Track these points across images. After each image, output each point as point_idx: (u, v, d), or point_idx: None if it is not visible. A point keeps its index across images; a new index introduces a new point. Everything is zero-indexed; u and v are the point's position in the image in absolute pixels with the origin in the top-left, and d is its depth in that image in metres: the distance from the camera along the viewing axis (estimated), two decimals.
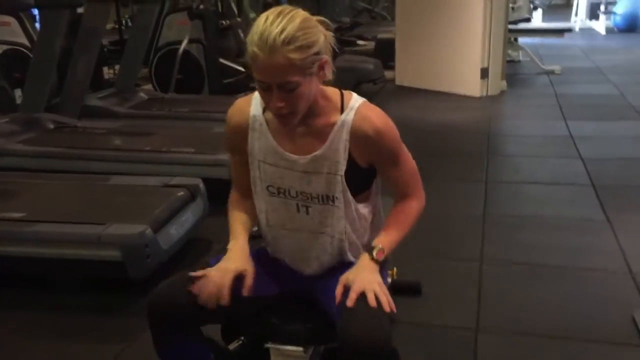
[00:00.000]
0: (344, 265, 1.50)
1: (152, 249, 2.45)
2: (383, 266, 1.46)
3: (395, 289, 1.58)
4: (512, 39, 7.54)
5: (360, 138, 1.40)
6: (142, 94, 5.13)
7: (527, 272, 2.65)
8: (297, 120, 1.38)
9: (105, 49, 6.69)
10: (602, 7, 10.94)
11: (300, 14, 1.29)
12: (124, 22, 7.52)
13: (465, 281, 2.57)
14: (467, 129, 5.01)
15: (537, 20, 10.81)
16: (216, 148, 3.38)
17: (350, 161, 1.42)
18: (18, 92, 4.88)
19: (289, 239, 1.52)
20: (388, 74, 6.72)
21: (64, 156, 3.56)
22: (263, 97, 1.36)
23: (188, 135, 3.88)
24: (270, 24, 1.26)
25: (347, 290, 1.37)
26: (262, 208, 1.53)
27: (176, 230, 2.66)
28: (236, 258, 1.46)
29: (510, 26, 7.08)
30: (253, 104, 1.49)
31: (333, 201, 1.45)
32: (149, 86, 6.02)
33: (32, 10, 5.48)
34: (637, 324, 2.20)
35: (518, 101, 6.00)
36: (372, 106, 1.44)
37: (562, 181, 3.77)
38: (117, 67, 5.91)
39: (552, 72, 7.15)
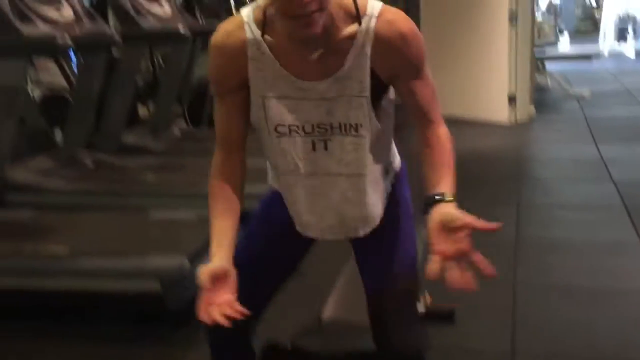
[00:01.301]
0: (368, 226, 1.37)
1: (190, 280, 2.51)
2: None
3: (429, 316, 1.57)
4: (540, 64, 7.55)
5: (384, 47, 1.21)
6: (175, 131, 5.28)
7: (561, 294, 2.63)
8: (322, 24, 1.15)
9: (140, 86, 6.91)
10: (630, 30, 10.88)
11: None
12: (157, 60, 7.77)
13: (499, 305, 2.57)
14: (497, 155, 5.02)
15: (565, 44, 10.80)
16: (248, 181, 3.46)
17: (373, 77, 1.23)
18: (58, 132, 5.07)
19: (302, 187, 1.32)
20: None
21: (102, 192, 3.68)
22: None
23: None
24: None
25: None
26: (270, 154, 1.33)
27: None
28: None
29: (537, 52, 7.11)
30: (247, 28, 1.23)
31: (357, 129, 1.26)
32: (182, 122, 6.19)
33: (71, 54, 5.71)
34: None
35: (547, 126, 5.99)
36: (395, 9, 1.25)
37: (594, 204, 3.75)
38: (151, 104, 6.10)
39: (581, 97, 7.13)
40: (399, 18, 1.23)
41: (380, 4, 1.23)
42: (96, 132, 4.84)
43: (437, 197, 1.20)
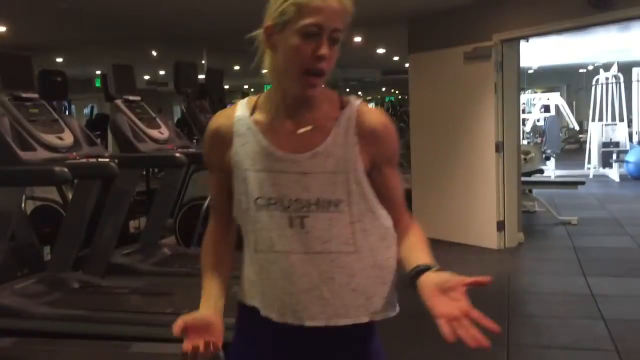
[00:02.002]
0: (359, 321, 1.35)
1: None
2: None
3: None
4: (527, 190, 7.72)
5: (365, 131, 1.33)
6: (165, 249, 5.27)
7: None
8: (318, 92, 1.31)
9: (132, 199, 6.97)
10: (614, 156, 11.24)
11: None
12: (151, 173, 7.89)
13: None
14: (486, 286, 4.99)
15: (551, 166, 11.10)
16: None
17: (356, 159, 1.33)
18: (47, 249, 5.05)
19: (279, 264, 1.33)
20: None
21: (86, 319, 3.60)
22: (301, 51, 1.25)
23: None
24: None
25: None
26: (249, 228, 1.36)
27: None
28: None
29: (524, 178, 7.30)
30: (239, 108, 1.38)
31: (337, 205, 1.31)
32: (172, 238, 6.19)
33: None
34: None
35: (536, 254, 6.03)
36: (371, 107, 1.42)
37: (585, 345, 3.71)
38: (142, 219, 6.13)
39: (568, 223, 7.23)
40: (377, 110, 1.40)
41: (361, 99, 1.39)
42: (85, 250, 4.84)
43: (425, 267, 1.28)
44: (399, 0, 5.90)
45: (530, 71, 16.17)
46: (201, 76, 6.93)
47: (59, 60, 9.85)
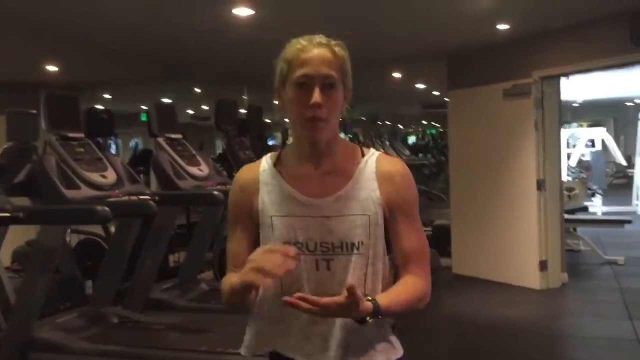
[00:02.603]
0: None
1: None
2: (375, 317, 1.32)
3: None
4: (571, 228, 7.53)
5: (384, 176, 1.40)
6: (203, 285, 5.32)
7: None
8: (327, 135, 1.37)
9: (172, 233, 7.07)
10: None
11: None
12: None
13: None
14: (526, 328, 4.87)
15: (597, 203, 10.81)
16: None
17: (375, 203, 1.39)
18: (89, 283, 5.16)
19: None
20: (447, 261, 6.76)
21: (122, 355, 3.67)
22: (298, 101, 1.35)
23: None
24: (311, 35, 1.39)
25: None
26: None
27: None
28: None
29: (568, 216, 7.13)
30: (263, 161, 1.47)
31: (358, 248, 1.36)
32: (210, 273, 6.25)
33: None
34: None
35: (581, 295, 5.85)
36: (393, 157, 1.51)
37: None
38: (182, 253, 6.21)
39: (615, 263, 7.00)
40: (396, 160, 1.48)
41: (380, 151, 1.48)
42: (126, 284, 4.93)
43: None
44: (437, 37, 5.93)
45: (575, 105, 15.90)
46: (243, 110, 7.07)
47: (107, 96, 10.18)
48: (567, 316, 5.34)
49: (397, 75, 8.45)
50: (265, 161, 1.47)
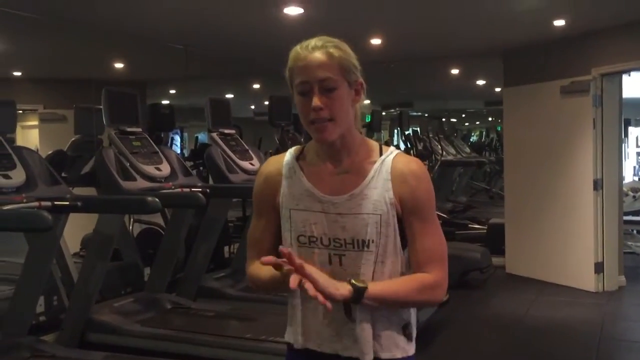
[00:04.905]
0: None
1: None
2: (357, 302, 1.37)
3: None
4: (634, 230, 7.28)
5: (399, 178, 1.42)
6: None
7: None
8: (337, 134, 1.41)
9: (231, 224, 7.28)
10: None
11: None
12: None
13: None
14: (577, 331, 4.78)
15: None
16: None
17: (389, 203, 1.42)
18: (148, 270, 5.43)
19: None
20: (500, 260, 6.68)
21: (174, 339, 3.86)
22: (302, 107, 1.41)
23: None
24: (313, 38, 1.43)
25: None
26: None
27: None
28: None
29: (630, 217, 6.90)
30: (287, 155, 1.53)
31: (368, 246, 1.41)
32: None
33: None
34: None
35: (637, 299, 5.68)
36: (411, 156, 1.52)
37: None
38: (236, 244, 6.40)
39: None
40: (414, 160, 1.48)
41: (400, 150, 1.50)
42: (183, 268, 5.16)
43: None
44: (493, 34, 5.86)
45: None
46: None
47: (172, 91, 10.56)
48: (619, 319, 5.19)
49: (455, 72, 8.38)
50: (289, 154, 1.52)
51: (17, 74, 7.58)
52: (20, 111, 7.29)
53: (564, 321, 5.00)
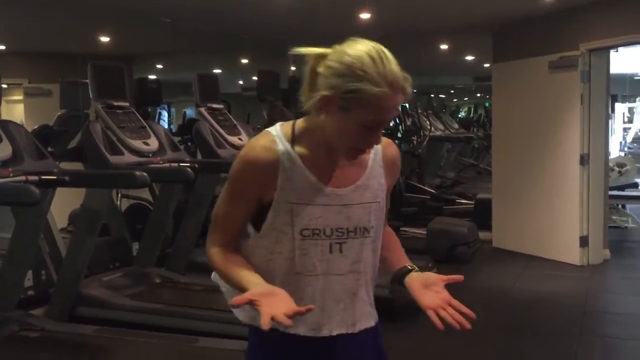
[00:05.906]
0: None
1: None
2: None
3: None
4: (619, 204, 7.37)
5: (388, 162, 1.49)
6: None
7: None
8: None
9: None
10: None
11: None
12: None
13: None
14: (562, 303, 4.86)
15: None
16: None
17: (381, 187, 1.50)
18: (136, 245, 5.44)
19: (317, 284, 1.42)
20: (487, 235, 6.75)
21: (162, 312, 3.88)
22: (358, 135, 1.33)
23: None
24: (389, 63, 1.30)
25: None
26: (288, 255, 1.41)
27: None
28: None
29: (617, 192, 6.98)
30: (278, 141, 1.38)
31: (368, 231, 1.45)
32: None
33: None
34: None
35: (621, 272, 5.77)
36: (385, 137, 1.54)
37: None
38: None
39: None
40: (391, 142, 1.55)
41: None
42: (172, 244, 5.17)
43: (408, 268, 1.49)
44: (482, 9, 5.84)
45: (637, 77, 15.25)
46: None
47: (159, 66, 10.45)
48: (603, 292, 5.28)
49: (445, 47, 8.36)
50: (280, 141, 1.38)
51: (1, 47, 7.48)
52: (5, 85, 7.19)
53: (550, 294, 5.07)
